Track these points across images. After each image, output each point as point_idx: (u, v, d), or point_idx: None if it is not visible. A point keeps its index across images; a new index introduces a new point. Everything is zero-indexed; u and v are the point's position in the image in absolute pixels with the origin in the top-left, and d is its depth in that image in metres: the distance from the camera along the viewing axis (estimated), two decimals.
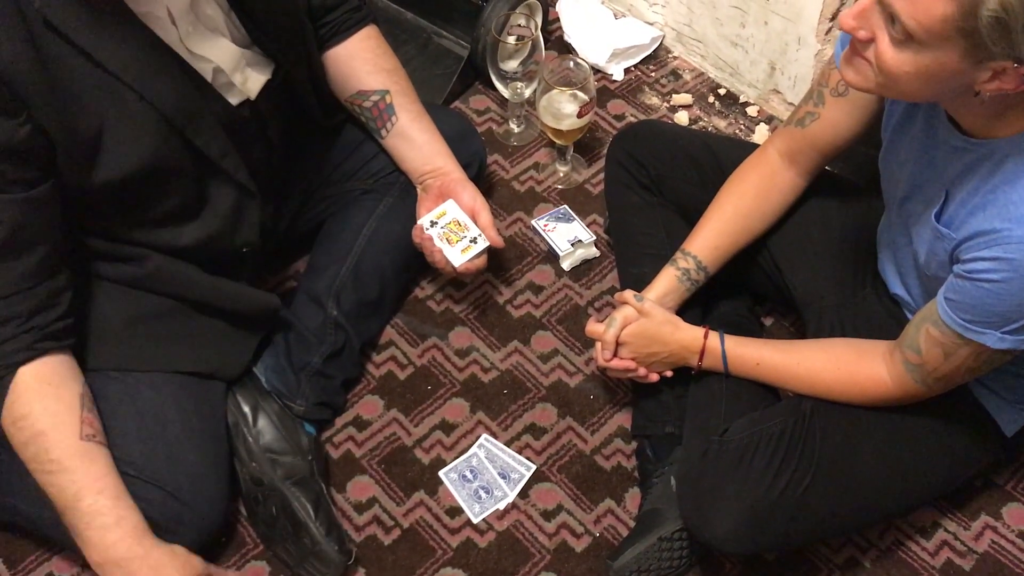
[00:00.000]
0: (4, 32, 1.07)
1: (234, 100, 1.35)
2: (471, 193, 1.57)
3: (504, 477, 1.53)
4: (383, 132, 1.58)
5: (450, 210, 1.55)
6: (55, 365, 1.24)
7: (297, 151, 1.57)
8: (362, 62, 1.55)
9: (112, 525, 1.24)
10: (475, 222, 1.56)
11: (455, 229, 1.54)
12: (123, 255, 1.33)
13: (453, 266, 1.55)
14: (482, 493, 1.52)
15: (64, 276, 1.24)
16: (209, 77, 1.30)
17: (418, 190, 1.61)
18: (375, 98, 1.55)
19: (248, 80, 1.36)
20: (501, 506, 1.51)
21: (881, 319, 1.42)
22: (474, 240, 1.55)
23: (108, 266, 1.34)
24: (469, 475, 1.53)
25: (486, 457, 1.55)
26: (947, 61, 0.98)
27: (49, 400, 1.22)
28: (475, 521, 1.50)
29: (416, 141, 1.58)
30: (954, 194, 1.15)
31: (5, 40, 1.07)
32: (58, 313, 1.23)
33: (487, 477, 1.53)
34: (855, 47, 1.06)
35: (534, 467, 1.54)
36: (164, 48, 1.22)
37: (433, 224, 1.55)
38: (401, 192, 1.63)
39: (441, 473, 1.54)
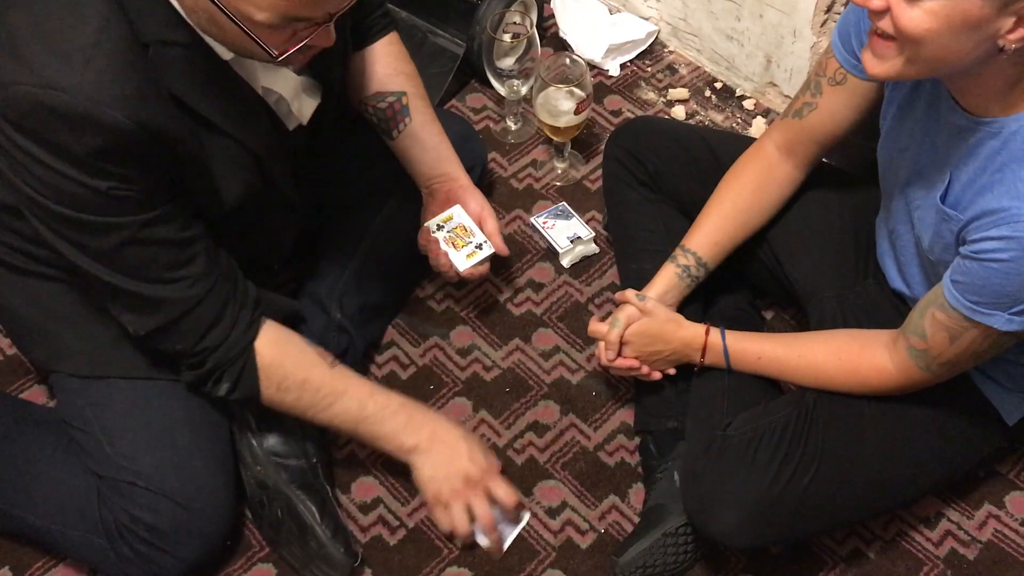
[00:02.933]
0: (157, 101, 1.10)
1: (291, 126, 1.37)
2: (479, 200, 1.58)
3: (500, 521, 1.45)
4: (395, 133, 1.57)
5: (457, 215, 1.56)
6: (271, 326, 1.32)
7: (317, 160, 1.57)
8: (383, 65, 1.55)
9: (398, 408, 1.38)
10: (481, 229, 1.56)
11: (461, 234, 1.55)
12: None
13: (457, 270, 1.55)
14: (497, 524, 1.44)
15: (226, 256, 1.29)
16: (273, 106, 1.32)
17: (424, 194, 1.60)
18: (391, 99, 1.55)
19: (303, 107, 1.38)
20: (519, 528, 1.47)
21: (884, 309, 1.42)
22: (479, 246, 1.55)
23: None
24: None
25: None
26: (969, 7, 0.96)
27: (291, 354, 1.33)
28: (499, 554, 1.47)
29: (426, 144, 1.58)
30: (959, 175, 1.15)
31: (158, 108, 1.10)
32: (244, 283, 1.30)
33: (497, 505, 1.49)
34: (873, 32, 1.05)
35: (529, 513, 1.49)
36: (250, 91, 1.25)
37: (440, 228, 1.55)
38: (404, 196, 1.62)
39: None
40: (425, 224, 1.56)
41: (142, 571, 1.35)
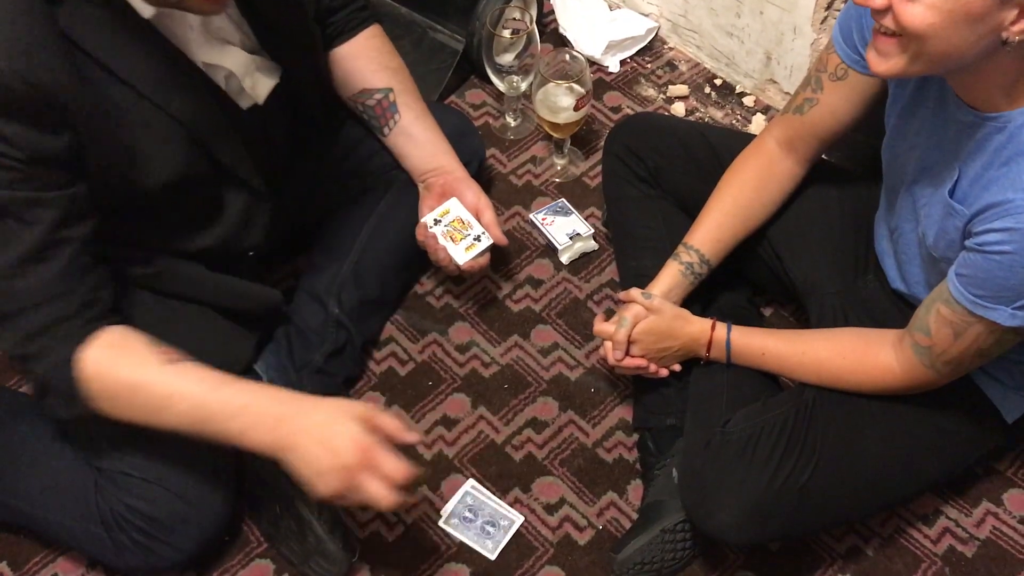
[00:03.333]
0: (42, 50, 1.08)
1: (244, 104, 1.35)
2: (475, 192, 1.57)
3: (493, 525, 1.50)
4: (385, 130, 1.57)
5: (453, 208, 1.55)
6: (110, 333, 1.20)
7: (299, 151, 1.57)
8: (366, 60, 1.55)
9: (246, 405, 1.20)
10: (479, 221, 1.56)
11: (459, 227, 1.54)
12: (128, 256, 1.33)
13: (457, 264, 1.55)
14: (489, 528, 1.49)
15: (98, 273, 1.22)
16: (222, 84, 1.30)
17: (420, 188, 1.61)
18: (378, 96, 1.55)
19: (257, 85, 1.36)
20: (512, 531, 1.49)
21: (884, 306, 1.42)
22: (478, 238, 1.55)
23: (113, 266, 1.34)
24: (469, 514, 1.50)
25: (481, 496, 1.52)
26: (970, 0, 0.97)
27: (121, 359, 1.20)
28: (493, 558, 1.47)
29: (419, 139, 1.58)
30: (967, 171, 1.15)
31: (43, 58, 1.08)
32: (101, 307, 1.21)
33: (488, 511, 1.50)
34: (876, 30, 1.05)
35: (521, 518, 1.50)
36: (183, 60, 1.23)
37: (437, 222, 1.55)
38: (401, 190, 1.62)
39: (441, 523, 1.50)
40: (422, 219, 1.56)
41: (140, 561, 1.36)
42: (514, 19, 1.83)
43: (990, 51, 1.02)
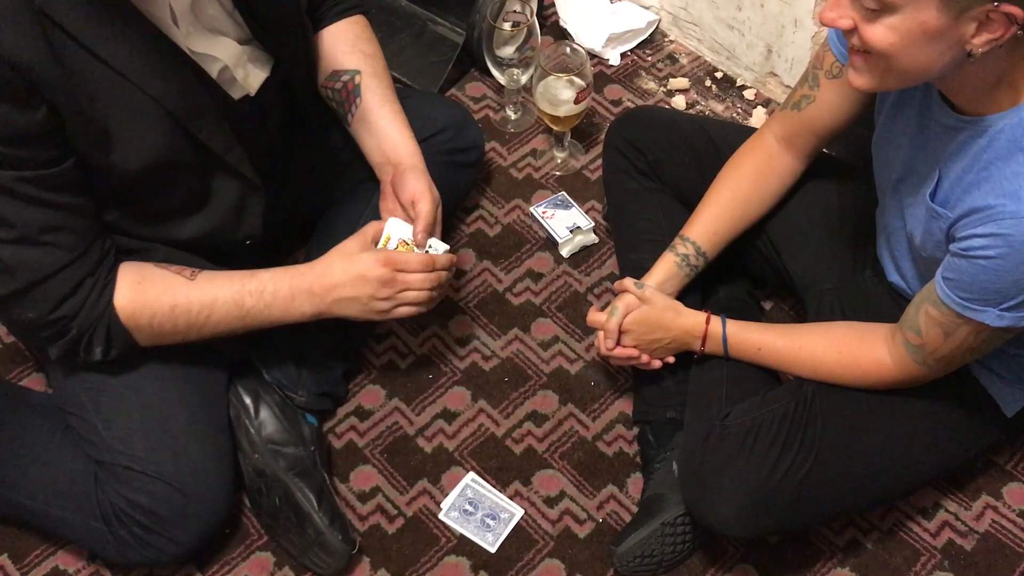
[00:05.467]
0: (15, 24, 1.08)
1: (236, 95, 1.34)
2: (417, 178, 1.44)
3: (494, 518, 1.50)
4: (349, 117, 1.51)
5: (392, 231, 1.41)
6: (125, 271, 1.28)
7: (295, 142, 1.56)
8: (342, 42, 1.51)
9: (277, 288, 1.33)
10: (414, 210, 1.42)
11: (406, 250, 1.40)
12: (129, 247, 1.33)
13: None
14: (489, 521, 1.50)
15: (104, 229, 1.28)
16: (215, 74, 1.29)
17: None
18: (345, 78, 1.50)
19: (249, 76, 1.35)
20: (512, 524, 1.49)
21: (882, 302, 1.42)
22: (429, 249, 1.41)
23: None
24: (470, 507, 1.51)
25: (481, 489, 1.53)
26: (926, 19, 0.98)
27: (150, 291, 1.28)
28: (493, 551, 1.47)
29: (374, 128, 1.49)
30: (947, 173, 1.15)
31: (16, 32, 1.08)
32: (113, 255, 1.28)
33: (488, 504, 1.51)
34: (851, 50, 1.08)
35: (521, 511, 1.51)
36: (168, 44, 1.22)
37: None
38: None
39: (441, 515, 1.50)
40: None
41: (140, 555, 1.36)
42: (514, 12, 1.83)
43: (959, 63, 1.03)
